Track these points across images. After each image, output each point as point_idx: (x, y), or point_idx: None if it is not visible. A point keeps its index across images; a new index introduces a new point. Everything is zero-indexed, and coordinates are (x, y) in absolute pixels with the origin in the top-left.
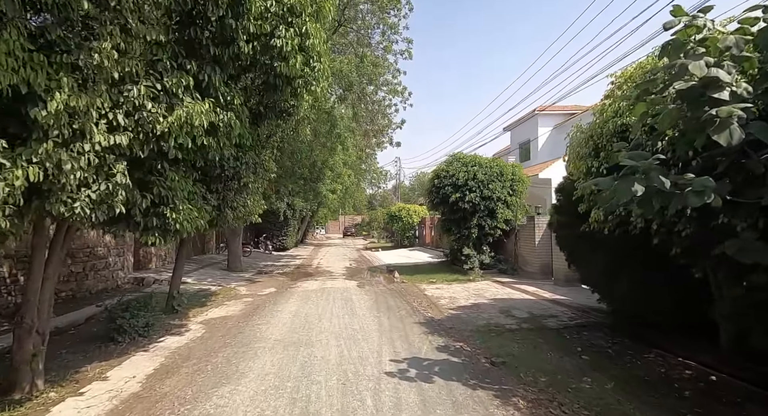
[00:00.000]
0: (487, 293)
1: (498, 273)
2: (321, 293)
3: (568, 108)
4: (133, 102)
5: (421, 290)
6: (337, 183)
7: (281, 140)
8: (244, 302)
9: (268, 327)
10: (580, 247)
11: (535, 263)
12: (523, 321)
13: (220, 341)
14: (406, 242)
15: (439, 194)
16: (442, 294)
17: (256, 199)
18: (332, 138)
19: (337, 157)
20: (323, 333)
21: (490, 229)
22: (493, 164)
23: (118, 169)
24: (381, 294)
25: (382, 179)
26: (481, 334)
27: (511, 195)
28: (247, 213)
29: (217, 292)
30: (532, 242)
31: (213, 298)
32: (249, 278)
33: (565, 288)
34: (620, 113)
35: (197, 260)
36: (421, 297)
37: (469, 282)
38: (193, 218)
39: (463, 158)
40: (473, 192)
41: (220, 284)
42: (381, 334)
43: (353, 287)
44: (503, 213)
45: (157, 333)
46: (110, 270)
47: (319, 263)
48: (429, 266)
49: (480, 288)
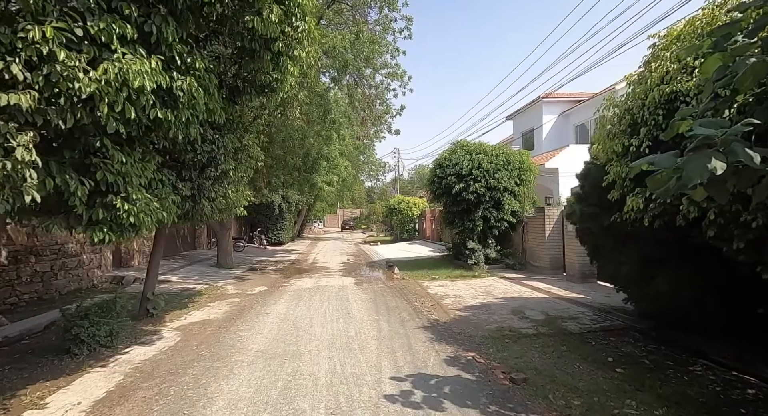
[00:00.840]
0: (496, 291)
1: (505, 268)
2: (315, 291)
3: (574, 95)
4: (37, 49)
5: (423, 287)
6: (333, 174)
7: (267, 124)
8: (229, 304)
9: (251, 334)
10: (606, 241)
11: (545, 257)
12: (540, 324)
13: (193, 352)
14: (405, 235)
15: (441, 184)
16: (447, 292)
17: (240, 190)
18: (327, 125)
19: (332, 147)
20: (314, 342)
21: (496, 221)
22: (499, 152)
23: (19, 141)
24: (380, 293)
25: (380, 170)
26: (495, 341)
27: (518, 185)
28: (229, 205)
29: (202, 291)
30: (541, 235)
31: (196, 298)
32: (239, 276)
33: (580, 285)
34: (669, 78)
35: (186, 256)
36: (423, 296)
37: (474, 278)
38: (154, 209)
39: (467, 145)
40: (478, 182)
41: (207, 283)
42: (380, 342)
43: (350, 285)
44: (510, 204)
45: (123, 342)
46: (84, 269)
47: (316, 259)
48: (430, 261)
49: (487, 285)
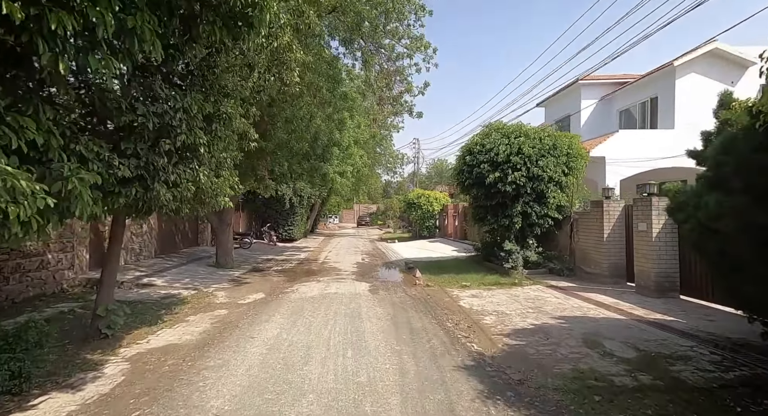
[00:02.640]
0: (547, 306)
1: (548, 274)
2: (320, 303)
3: (616, 77)
4: None
5: (453, 298)
6: (347, 164)
7: (258, 89)
8: (212, 318)
9: (219, 377)
10: (748, 248)
11: (603, 262)
12: (636, 367)
13: (124, 411)
14: (425, 232)
15: (471, 174)
16: (485, 307)
17: (225, 175)
18: (337, 102)
19: (346, 133)
20: (305, 397)
21: (538, 218)
22: (544, 135)
23: None
24: (401, 306)
25: (398, 162)
26: (579, 399)
27: (566, 175)
28: (202, 194)
29: (186, 300)
30: (598, 235)
31: (176, 310)
32: (237, 278)
33: (658, 301)
34: None
35: (185, 253)
36: (455, 312)
37: (514, 287)
38: (30, 195)
39: (504, 128)
40: (518, 171)
41: (197, 288)
42: (405, 399)
43: (364, 293)
44: (556, 198)
45: (42, 385)
46: (50, 270)
47: (327, 258)
48: (456, 263)
49: (533, 297)
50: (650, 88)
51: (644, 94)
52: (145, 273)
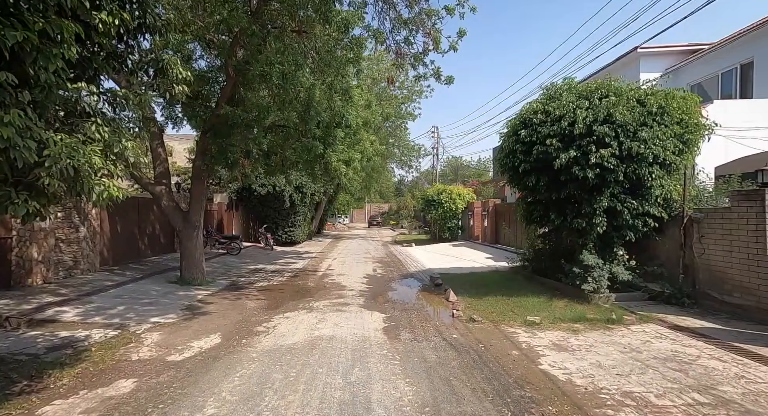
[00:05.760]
0: (706, 379)
1: (650, 301)
2: (303, 362)
3: (682, 45)
4: None
5: (523, 352)
6: (355, 151)
7: None
8: (100, 405)
9: None
10: None
11: (754, 288)
12: None
13: None
14: (446, 234)
15: (530, 154)
16: (595, 379)
17: (91, 133)
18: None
19: (352, 109)
20: None
21: (632, 217)
22: (645, 94)
23: None
24: (441, 376)
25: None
26: None
27: (680, 152)
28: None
29: (89, 351)
30: (745, 245)
31: (49, 378)
32: (197, 303)
33: None
34: None
35: (150, 263)
36: (543, 389)
37: (614, 327)
38: None
39: (580, 87)
40: (606, 146)
41: (124, 324)
42: None
43: (376, 339)
44: (664, 187)
45: None
46: None
47: (330, 267)
48: (499, 278)
49: (668, 354)
50: (739, 52)
51: (730, 61)
52: (61, 298)
